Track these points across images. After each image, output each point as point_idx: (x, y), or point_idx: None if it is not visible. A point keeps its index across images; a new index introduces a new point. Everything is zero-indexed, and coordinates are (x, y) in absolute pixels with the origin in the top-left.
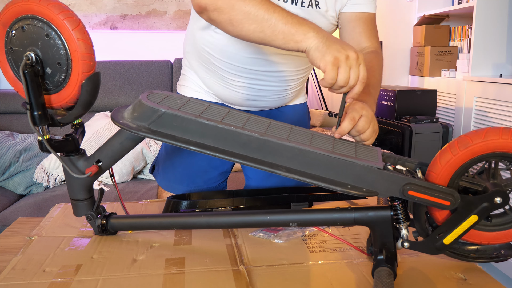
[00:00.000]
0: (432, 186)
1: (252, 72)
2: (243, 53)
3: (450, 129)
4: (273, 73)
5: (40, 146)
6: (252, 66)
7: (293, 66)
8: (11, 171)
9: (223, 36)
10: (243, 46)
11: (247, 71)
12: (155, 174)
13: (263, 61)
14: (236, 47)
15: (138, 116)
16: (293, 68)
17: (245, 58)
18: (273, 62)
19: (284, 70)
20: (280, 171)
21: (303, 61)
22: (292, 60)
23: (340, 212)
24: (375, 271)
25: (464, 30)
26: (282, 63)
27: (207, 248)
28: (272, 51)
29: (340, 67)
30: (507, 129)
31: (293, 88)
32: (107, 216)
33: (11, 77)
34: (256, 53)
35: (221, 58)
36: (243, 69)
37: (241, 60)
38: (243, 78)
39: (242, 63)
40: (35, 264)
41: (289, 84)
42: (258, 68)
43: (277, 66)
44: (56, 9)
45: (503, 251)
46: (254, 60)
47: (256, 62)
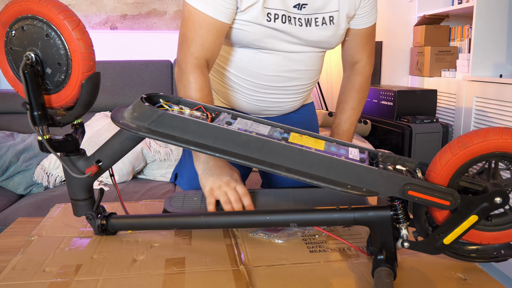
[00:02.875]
0: (432, 186)
1: (270, 88)
2: (264, 71)
3: (450, 129)
4: (290, 87)
5: (40, 146)
6: (271, 83)
7: (307, 79)
8: (11, 171)
9: (244, 55)
10: (264, 64)
11: (266, 87)
12: (179, 182)
13: (282, 78)
14: (258, 66)
15: (138, 116)
16: (307, 81)
17: (265, 76)
18: (292, 78)
19: (300, 84)
20: (280, 171)
21: (316, 72)
22: (307, 75)
23: (340, 212)
24: (375, 271)
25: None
26: (299, 78)
27: (207, 248)
28: (292, 68)
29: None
30: (507, 129)
31: (306, 96)
32: (107, 216)
33: (11, 77)
34: (277, 71)
35: (241, 76)
36: (262, 85)
37: (261, 77)
38: (261, 93)
39: (262, 80)
40: (35, 264)
41: (302, 94)
42: (277, 85)
43: (294, 81)
44: (56, 9)
45: (503, 251)
46: (274, 77)
47: (275, 79)
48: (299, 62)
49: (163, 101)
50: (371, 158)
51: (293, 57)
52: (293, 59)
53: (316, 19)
